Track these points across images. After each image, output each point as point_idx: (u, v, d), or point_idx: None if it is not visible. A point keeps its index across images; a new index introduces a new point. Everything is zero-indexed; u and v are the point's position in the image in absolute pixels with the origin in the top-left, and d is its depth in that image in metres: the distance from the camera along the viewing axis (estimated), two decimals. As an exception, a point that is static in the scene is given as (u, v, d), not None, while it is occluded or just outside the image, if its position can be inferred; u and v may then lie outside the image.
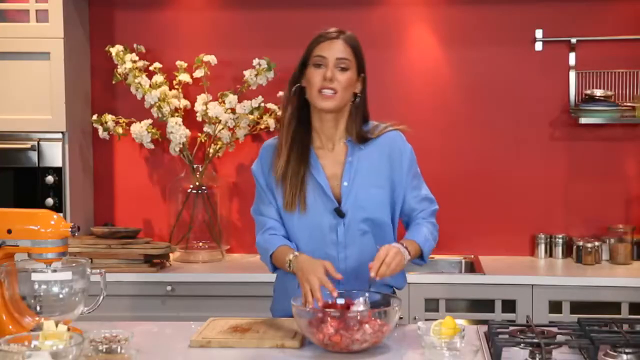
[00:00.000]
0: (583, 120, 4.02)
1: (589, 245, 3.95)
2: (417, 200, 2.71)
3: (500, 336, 2.28)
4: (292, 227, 2.65)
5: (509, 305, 3.66)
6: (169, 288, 3.70)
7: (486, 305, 3.69)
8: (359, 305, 2.36)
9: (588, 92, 4.02)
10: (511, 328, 2.37)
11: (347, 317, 2.24)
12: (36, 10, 3.86)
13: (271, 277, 3.69)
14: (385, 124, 2.73)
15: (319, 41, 2.62)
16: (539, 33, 4.10)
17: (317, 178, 2.62)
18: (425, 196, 2.74)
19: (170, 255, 3.97)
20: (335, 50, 2.59)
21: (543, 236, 4.10)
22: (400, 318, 2.40)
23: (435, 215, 2.75)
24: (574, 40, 4.07)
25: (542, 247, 4.10)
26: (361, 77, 2.67)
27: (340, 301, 2.43)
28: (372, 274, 2.41)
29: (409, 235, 2.66)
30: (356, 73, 2.64)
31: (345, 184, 2.61)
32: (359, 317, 2.24)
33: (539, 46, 4.12)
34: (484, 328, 2.48)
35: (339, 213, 2.60)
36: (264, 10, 4.21)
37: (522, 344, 2.21)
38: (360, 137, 2.65)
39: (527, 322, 2.41)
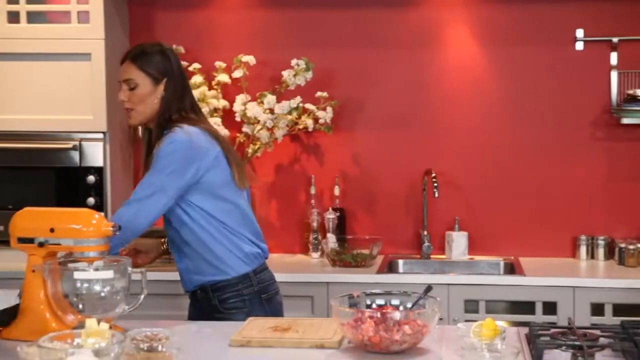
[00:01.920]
0: (625, 121, 3.98)
1: (632, 247, 3.90)
2: None
3: (542, 338, 2.26)
4: None
5: (550, 307, 3.63)
6: (208, 287, 3.71)
7: (526, 307, 3.66)
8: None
9: (630, 92, 3.97)
10: (552, 330, 2.35)
11: (387, 318, 2.23)
12: (77, 12, 3.90)
13: (311, 277, 3.73)
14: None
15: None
16: (579, 33, 4.06)
17: None
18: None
19: (209, 254, 3.98)
20: (123, 73, 2.82)
21: (584, 238, 4.06)
22: (440, 319, 2.39)
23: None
24: (615, 39, 4.02)
25: (583, 249, 4.06)
26: (163, 81, 2.80)
27: (380, 302, 2.43)
28: None
29: None
30: (151, 84, 2.79)
31: None
32: (398, 318, 2.24)
33: (579, 46, 4.08)
34: (525, 330, 2.45)
35: None
36: (302, 10, 4.22)
37: (563, 347, 2.18)
38: (157, 140, 2.78)
39: (569, 324, 2.39)
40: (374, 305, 2.44)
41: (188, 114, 2.82)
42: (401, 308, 2.41)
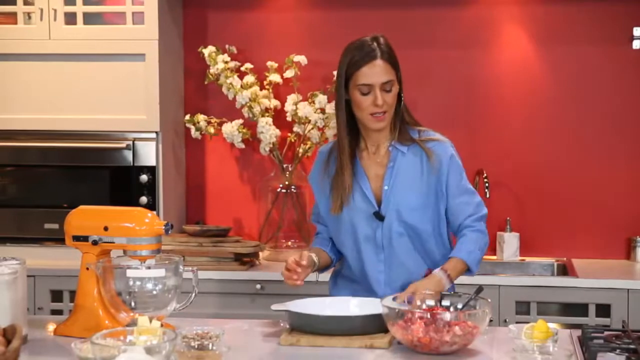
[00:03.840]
0: (682, 121, 3.91)
1: (688, 249, 3.84)
2: (462, 207, 2.70)
3: (595, 341, 2.23)
4: (337, 229, 2.74)
5: (604, 310, 3.57)
6: (258, 286, 3.73)
7: (579, 309, 3.61)
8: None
9: (688, 91, 3.91)
10: (606, 333, 2.32)
11: (437, 319, 2.22)
12: (132, 13, 3.94)
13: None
14: (432, 133, 2.78)
15: (359, 65, 2.63)
16: (637, 31, 3.99)
17: (360, 181, 2.69)
18: (470, 202, 2.71)
19: (260, 253, 4.01)
20: (378, 75, 2.62)
21: (639, 239, 3.99)
22: (490, 320, 2.37)
23: (483, 220, 2.73)
24: (674, 38, 3.96)
25: (638, 251, 3.99)
26: (398, 76, 2.69)
27: (430, 303, 2.42)
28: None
29: (453, 251, 2.67)
30: (397, 81, 2.68)
31: (386, 187, 2.67)
32: (448, 319, 2.23)
33: (636, 44, 4.01)
34: (578, 332, 2.43)
35: (378, 216, 2.67)
36: (353, 9, 4.21)
37: (617, 350, 2.15)
38: (404, 141, 2.70)
39: (623, 327, 2.35)
40: (424, 306, 2.44)
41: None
42: (451, 309, 2.40)
